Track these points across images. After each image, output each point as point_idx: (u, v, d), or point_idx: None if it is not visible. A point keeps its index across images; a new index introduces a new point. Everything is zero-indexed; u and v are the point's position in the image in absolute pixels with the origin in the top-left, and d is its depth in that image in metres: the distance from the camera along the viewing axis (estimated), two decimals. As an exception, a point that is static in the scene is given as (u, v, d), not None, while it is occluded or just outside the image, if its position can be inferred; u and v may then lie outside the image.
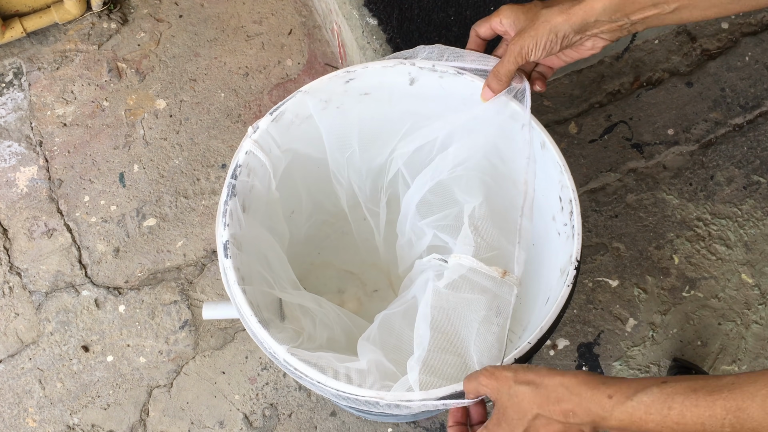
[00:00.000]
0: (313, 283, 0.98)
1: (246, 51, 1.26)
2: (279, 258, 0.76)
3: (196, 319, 1.09)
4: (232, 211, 0.68)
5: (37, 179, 1.17)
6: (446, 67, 0.72)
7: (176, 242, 1.13)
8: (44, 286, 1.11)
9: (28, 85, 1.23)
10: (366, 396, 0.60)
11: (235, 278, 0.65)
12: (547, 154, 0.70)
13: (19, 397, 1.06)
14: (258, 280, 0.72)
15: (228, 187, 0.69)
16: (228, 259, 0.66)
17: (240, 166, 0.70)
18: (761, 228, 1.14)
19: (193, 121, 1.21)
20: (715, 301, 1.11)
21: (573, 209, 0.67)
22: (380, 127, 0.80)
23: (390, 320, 0.76)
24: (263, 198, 0.75)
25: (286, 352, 0.62)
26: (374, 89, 0.75)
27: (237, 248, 0.68)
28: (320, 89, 0.73)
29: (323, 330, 0.78)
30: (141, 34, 1.26)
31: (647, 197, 1.16)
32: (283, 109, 0.72)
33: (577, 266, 0.65)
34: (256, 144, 0.71)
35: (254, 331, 0.64)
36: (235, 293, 0.65)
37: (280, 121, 0.72)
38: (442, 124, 0.75)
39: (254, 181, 0.73)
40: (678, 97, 1.22)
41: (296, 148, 0.77)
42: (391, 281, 0.99)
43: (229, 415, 1.05)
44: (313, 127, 0.77)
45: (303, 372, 0.62)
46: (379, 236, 0.91)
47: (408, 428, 1.04)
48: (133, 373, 1.07)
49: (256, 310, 0.65)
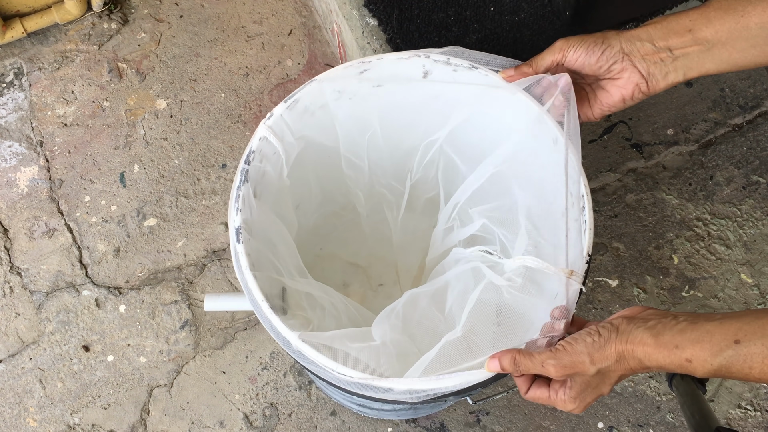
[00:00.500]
0: (318, 275, 0.98)
1: (246, 51, 1.26)
2: (288, 245, 0.77)
3: (196, 319, 1.09)
4: (245, 196, 0.69)
5: (37, 179, 1.17)
6: (460, 60, 0.72)
7: (177, 242, 1.14)
8: (45, 285, 1.11)
9: (29, 85, 1.23)
10: (381, 384, 0.61)
11: (247, 263, 0.65)
12: (560, 149, 0.70)
13: (20, 397, 1.06)
14: (267, 266, 0.72)
15: (241, 172, 0.69)
16: (240, 244, 0.66)
17: (254, 152, 0.70)
18: (760, 228, 1.15)
19: (193, 122, 1.21)
20: (714, 301, 1.11)
21: (585, 204, 0.67)
22: (402, 112, 0.80)
23: (417, 298, 0.77)
24: (275, 185, 0.76)
25: (298, 338, 0.62)
26: (386, 81, 0.75)
27: (248, 233, 0.68)
28: (334, 78, 0.73)
29: (331, 320, 0.79)
30: (141, 35, 1.26)
31: (647, 197, 1.16)
32: (298, 96, 0.72)
33: (588, 260, 0.65)
34: (270, 130, 0.71)
35: (267, 316, 0.64)
36: (248, 278, 0.65)
37: (294, 109, 0.73)
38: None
39: (267, 167, 0.73)
40: (677, 97, 1.22)
41: (309, 136, 0.77)
42: (398, 274, 0.99)
43: (230, 414, 1.05)
44: (327, 115, 0.77)
45: (314, 359, 0.62)
46: (398, 217, 0.92)
47: (408, 428, 1.04)
48: (134, 373, 1.07)
49: (268, 297, 0.65)
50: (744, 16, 0.62)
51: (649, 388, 1.07)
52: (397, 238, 0.95)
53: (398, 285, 0.99)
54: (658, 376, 1.07)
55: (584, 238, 0.66)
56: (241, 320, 1.09)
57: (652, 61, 0.66)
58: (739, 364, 0.54)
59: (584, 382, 0.59)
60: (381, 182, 0.89)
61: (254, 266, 0.67)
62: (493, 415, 1.05)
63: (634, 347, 0.57)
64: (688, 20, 0.64)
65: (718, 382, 1.07)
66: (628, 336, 0.57)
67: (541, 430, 1.04)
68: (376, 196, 0.91)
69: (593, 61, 0.67)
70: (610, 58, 0.66)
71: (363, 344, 0.67)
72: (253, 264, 0.66)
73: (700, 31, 0.63)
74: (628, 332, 0.57)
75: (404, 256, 0.97)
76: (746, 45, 0.63)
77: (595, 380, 0.59)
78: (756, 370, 0.53)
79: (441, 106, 0.77)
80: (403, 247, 0.96)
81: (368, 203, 0.91)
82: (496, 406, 1.05)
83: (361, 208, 0.92)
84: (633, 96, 0.68)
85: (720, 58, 0.64)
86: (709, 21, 0.63)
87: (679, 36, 0.64)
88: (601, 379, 0.59)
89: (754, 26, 0.62)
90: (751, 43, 0.63)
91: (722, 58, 0.64)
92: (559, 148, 0.69)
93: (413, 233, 0.96)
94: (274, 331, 0.64)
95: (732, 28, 0.63)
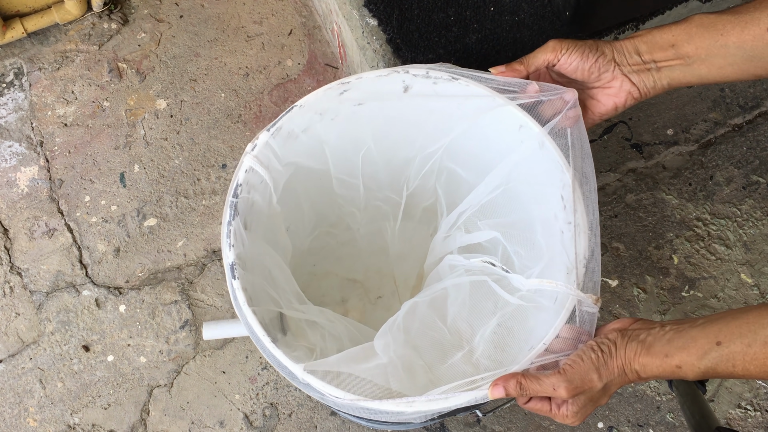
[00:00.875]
0: (315, 293, 0.98)
1: (246, 51, 1.26)
2: (283, 272, 0.76)
3: (196, 319, 1.09)
4: (236, 231, 0.68)
5: (37, 179, 1.17)
6: (440, 72, 0.72)
7: (177, 242, 1.14)
8: (45, 285, 1.11)
9: (29, 85, 1.23)
10: (394, 409, 0.61)
11: (245, 299, 0.65)
12: (547, 154, 0.70)
13: (20, 397, 1.06)
14: (264, 299, 0.72)
15: (230, 206, 0.69)
16: (236, 280, 0.66)
17: (240, 185, 0.70)
18: (760, 228, 1.15)
19: (193, 122, 1.21)
20: (714, 301, 1.11)
21: (578, 207, 0.67)
22: (396, 125, 0.80)
23: (416, 307, 0.77)
24: (264, 213, 0.75)
25: (303, 371, 0.62)
26: (368, 99, 0.75)
27: (243, 268, 0.68)
28: (315, 101, 0.73)
29: (333, 342, 0.78)
30: (141, 35, 1.26)
31: (647, 197, 1.16)
32: (280, 123, 0.72)
33: (585, 264, 0.65)
34: (256, 159, 0.71)
35: (270, 352, 0.64)
36: (247, 314, 0.65)
37: (278, 136, 0.72)
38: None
39: (255, 197, 0.72)
40: (677, 97, 1.22)
41: (298, 161, 0.77)
42: (396, 285, 0.99)
43: (230, 414, 1.05)
44: (313, 139, 0.77)
45: (322, 390, 0.62)
46: (395, 227, 0.91)
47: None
48: (134, 373, 1.07)
49: (268, 330, 0.65)
50: (723, 35, 0.64)
51: (648, 388, 1.07)
52: (394, 249, 0.94)
53: (397, 295, 0.99)
54: (658, 376, 1.07)
55: (581, 240, 0.66)
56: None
57: (640, 70, 0.68)
58: (723, 364, 0.57)
59: (588, 398, 0.61)
60: (377, 196, 0.89)
61: (252, 300, 0.66)
62: (493, 415, 1.05)
63: (631, 360, 0.59)
64: (671, 35, 0.66)
65: (718, 382, 1.07)
66: (624, 350, 0.60)
67: (541, 430, 1.04)
68: (371, 209, 0.90)
69: (586, 67, 0.68)
70: (602, 66, 0.68)
71: (369, 365, 0.67)
72: (250, 298, 0.66)
73: (682, 47, 0.66)
74: (624, 346, 0.60)
75: (402, 266, 0.97)
76: (724, 63, 0.65)
77: (598, 394, 0.61)
78: (738, 367, 0.56)
79: (438, 118, 0.77)
80: (401, 257, 0.96)
81: (363, 217, 0.91)
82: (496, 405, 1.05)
83: (355, 224, 0.92)
84: (625, 104, 0.70)
85: (700, 74, 0.67)
86: (690, 38, 0.65)
87: (663, 50, 0.67)
88: (603, 392, 0.61)
89: (732, 45, 0.64)
90: (729, 61, 0.65)
91: (701, 73, 0.67)
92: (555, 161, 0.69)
93: (410, 242, 0.96)
94: (279, 365, 0.64)
95: (711, 45, 0.65)
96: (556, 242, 0.70)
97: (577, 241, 0.66)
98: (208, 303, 1.10)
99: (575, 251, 0.65)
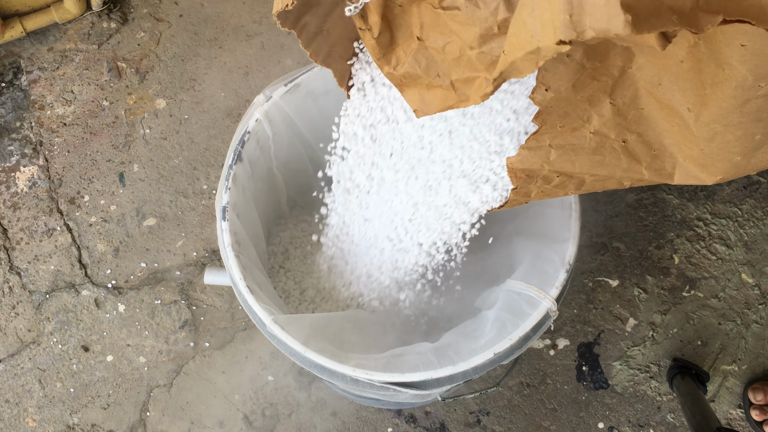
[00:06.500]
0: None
1: (246, 51, 1.26)
2: (258, 245, 0.78)
3: (196, 319, 1.09)
4: (236, 175, 0.70)
5: (36, 179, 1.17)
6: None
7: (176, 242, 1.13)
8: (44, 285, 1.11)
9: (28, 84, 1.22)
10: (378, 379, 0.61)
11: (230, 241, 0.66)
12: None
13: (19, 397, 1.06)
14: (249, 247, 0.73)
15: (234, 151, 0.70)
16: (226, 221, 0.67)
17: (248, 132, 0.71)
18: (761, 228, 1.14)
19: (192, 121, 1.21)
20: (715, 301, 1.11)
21: (572, 213, 0.68)
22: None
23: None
24: (263, 177, 0.76)
25: (271, 321, 0.63)
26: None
27: (235, 214, 0.69)
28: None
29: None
30: (141, 34, 1.26)
31: (647, 197, 1.16)
32: (299, 81, 0.73)
33: (568, 269, 0.65)
34: (266, 114, 0.72)
35: (243, 296, 0.65)
36: (229, 255, 0.66)
37: (295, 93, 0.73)
38: None
39: (257, 153, 0.74)
40: (678, 96, 1.22)
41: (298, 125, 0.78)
42: None
43: (229, 414, 1.05)
44: (333, 101, 0.76)
45: (287, 341, 0.63)
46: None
47: (408, 428, 1.04)
48: (133, 373, 1.07)
49: (246, 275, 0.66)
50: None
51: (649, 388, 1.06)
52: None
53: None
54: (659, 377, 1.07)
55: (569, 246, 0.66)
56: (241, 320, 1.09)
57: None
58: None
59: None
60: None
61: (239, 245, 0.67)
62: (493, 415, 1.05)
63: None
64: None
65: (719, 383, 1.07)
66: None
67: (542, 430, 1.04)
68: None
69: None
70: None
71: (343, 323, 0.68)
72: (237, 242, 0.67)
73: None
74: None
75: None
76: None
77: None
78: None
79: None
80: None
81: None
82: (497, 406, 1.05)
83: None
84: None
85: None
86: None
87: None
88: None
89: None
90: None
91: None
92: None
93: None
94: (250, 310, 0.65)
95: None
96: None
97: (568, 245, 0.66)
98: (207, 303, 1.10)
99: (564, 256, 0.66)
